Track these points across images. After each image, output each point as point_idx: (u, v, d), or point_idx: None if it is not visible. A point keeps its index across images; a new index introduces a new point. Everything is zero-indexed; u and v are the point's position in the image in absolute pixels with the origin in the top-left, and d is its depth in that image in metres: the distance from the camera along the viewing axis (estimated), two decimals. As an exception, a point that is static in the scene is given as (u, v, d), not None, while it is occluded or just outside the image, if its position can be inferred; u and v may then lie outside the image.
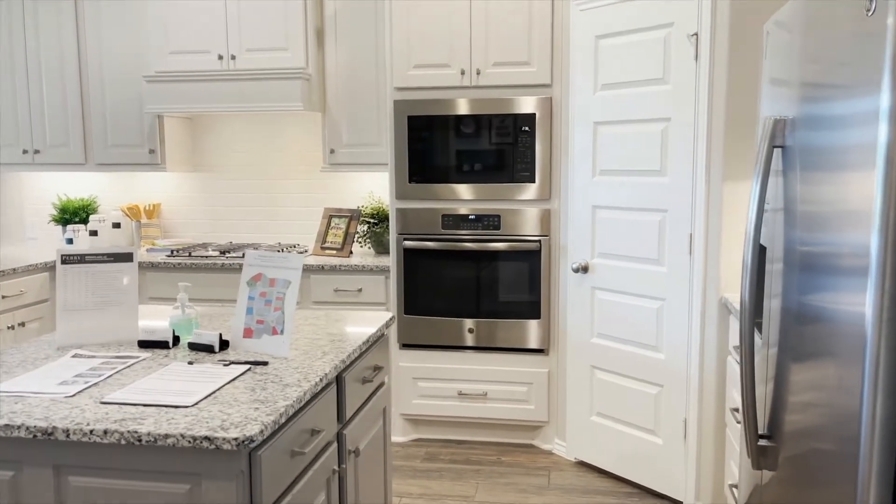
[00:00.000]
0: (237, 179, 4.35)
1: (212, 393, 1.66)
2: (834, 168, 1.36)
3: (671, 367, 2.93)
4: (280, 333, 1.98)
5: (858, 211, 1.25)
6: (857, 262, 1.25)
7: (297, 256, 2.01)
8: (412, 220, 3.57)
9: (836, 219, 1.34)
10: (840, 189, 1.33)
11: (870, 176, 1.20)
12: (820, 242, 1.42)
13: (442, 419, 3.66)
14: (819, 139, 1.44)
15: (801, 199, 1.53)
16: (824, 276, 1.39)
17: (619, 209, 3.08)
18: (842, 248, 1.31)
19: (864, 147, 1.23)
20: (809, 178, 1.49)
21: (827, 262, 1.38)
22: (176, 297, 3.82)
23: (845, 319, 1.29)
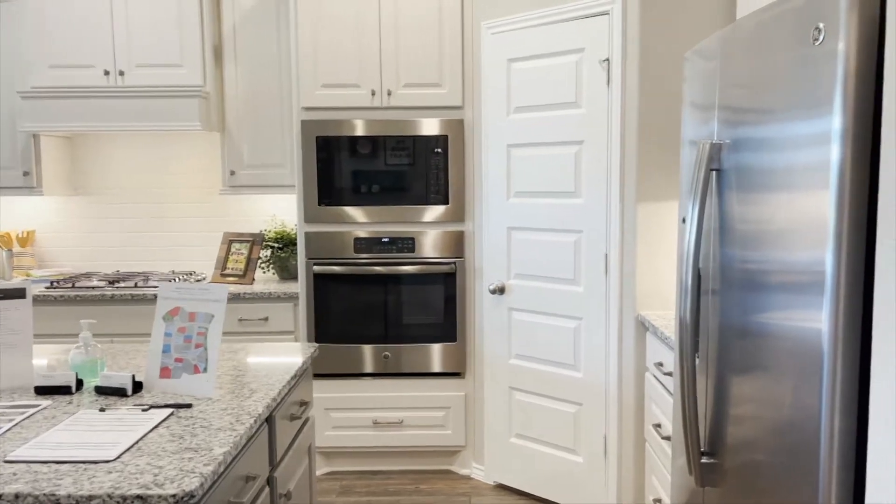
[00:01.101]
0: (125, 203, 4.05)
1: (134, 443, 1.49)
2: (779, 188, 1.41)
3: (590, 385, 2.98)
4: (203, 372, 1.82)
5: (810, 229, 1.29)
6: (810, 279, 1.29)
7: (220, 288, 1.86)
8: (322, 244, 3.44)
9: (783, 237, 1.39)
10: (787, 208, 1.38)
11: (823, 195, 1.25)
12: (764, 260, 1.47)
13: (356, 450, 3.53)
14: (760, 160, 1.49)
15: (741, 219, 1.58)
16: (771, 294, 1.44)
17: (535, 230, 3.11)
18: (792, 266, 1.35)
19: (814, 167, 1.28)
20: (750, 198, 1.54)
21: (774, 279, 1.43)
22: (62, 334, 3.48)
23: (799, 335, 1.33)
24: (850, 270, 1.22)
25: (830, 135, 1.22)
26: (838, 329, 1.24)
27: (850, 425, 1.24)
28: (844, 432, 1.25)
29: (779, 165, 1.41)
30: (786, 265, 1.38)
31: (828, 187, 1.23)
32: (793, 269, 1.35)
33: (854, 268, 1.22)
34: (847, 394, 1.24)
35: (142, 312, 3.51)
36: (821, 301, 1.25)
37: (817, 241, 1.27)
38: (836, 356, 1.24)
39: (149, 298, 3.50)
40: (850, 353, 1.23)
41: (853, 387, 1.24)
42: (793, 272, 1.35)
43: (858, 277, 1.22)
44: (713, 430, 1.73)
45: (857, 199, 1.21)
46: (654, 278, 2.82)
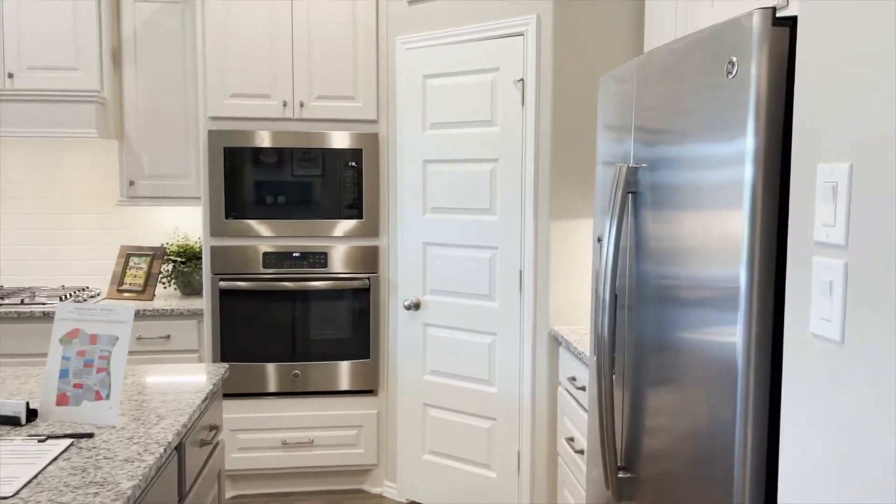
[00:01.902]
0: (7, 213, 3.76)
1: (33, 478, 1.37)
2: (693, 207, 1.47)
3: (504, 400, 3.00)
4: (105, 398, 1.70)
5: (724, 246, 1.35)
6: (724, 294, 1.35)
7: (125, 309, 1.75)
8: (229, 259, 3.32)
9: (698, 254, 1.45)
10: (702, 226, 1.44)
11: (736, 213, 1.31)
12: (679, 277, 1.52)
13: (265, 472, 3.40)
14: (675, 180, 1.55)
15: (656, 237, 1.64)
16: (686, 309, 1.49)
17: (451, 246, 3.12)
18: (707, 282, 1.41)
19: (728, 186, 1.34)
20: (665, 216, 1.60)
21: (689, 295, 1.48)
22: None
23: (713, 349, 1.39)
24: (763, 285, 1.29)
25: (744, 155, 1.29)
26: (751, 342, 1.30)
27: (762, 434, 1.31)
28: (757, 441, 1.31)
29: (694, 184, 1.47)
30: (700, 281, 1.44)
31: (741, 205, 1.30)
32: (707, 284, 1.41)
33: (766, 283, 1.29)
34: (759, 404, 1.30)
35: (29, 331, 3.26)
36: (735, 316, 1.31)
37: (731, 258, 1.33)
38: (750, 368, 1.30)
39: (37, 316, 3.25)
40: (762, 366, 1.30)
41: (765, 397, 1.30)
42: (707, 288, 1.41)
43: (769, 292, 1.29)
44: (629, 443, 1.78)
45: (768, 216, 1.28)
46: (568, 294, 2.88)
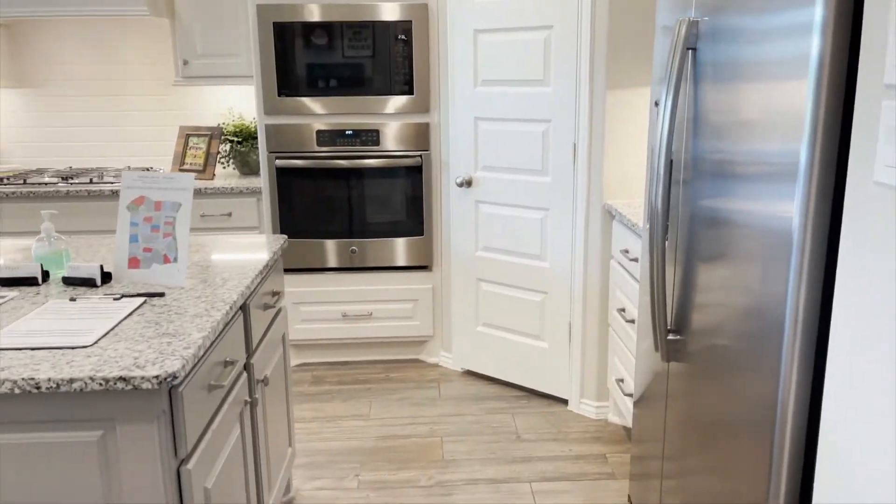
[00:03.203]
0: (73, 96, 3.85)
1: (111, 330, 1.48)
2: (755, 78, 1.40)
3: (556, 274, 3.04)
4: (173, 261, 1.79)
5: (786, 120, 1.29)
6: (783, 170, 1.31)
7: (185, 176, 1.81)
8: (284, 137, 3.35)
9: (758, 128, 1.39)
10: (762, 98, 1.37)
11: (800, 86, 1.25)
12: (737, 151, 1.48)
13: (327, 342, 3.58)
14: (737, 50, 1.47)
15: (715, 109, 1.58)
16: (743, 183, 1.45)
17: (503, 120, 3.07)
18: (765, 157, 1.36)
19: (793, 58, 1.26)
20: (725, 88, 1.53)
21: (746, 169, 1.44)
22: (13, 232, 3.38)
23: (769, 224, 1.36)
24: (824, 161, 1.24)
25: (811, 26, 1.21)
26: (808, 218, 1.26)
27: (814, 311, 1.29)
28: (808, 318, 1.30)
29: (757, 54, 1.39)
30: (759, 155, 1.39)
31: (806, 78, 1.23)
32: (766, 159, 1.36)
33: (827, 158, 1.24)
34: (813, 281, 1.28)
35: (100, 209, 3.42)
36: (793, 191, 1.27)
37: (792, 132, 1.27)
38: (805, 244, 1.27)
39: (105, 195, 3.40)
40: (818, 242, 1.27)
41: (819, 275, 1.28)
42: (766, 162, 1.36)
43: (830, 168, 1.24)
44: (679, 314, 1.80)
45: (834, 90, 1.21)
46: (622, 167, 2.83)
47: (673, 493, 1.88)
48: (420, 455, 2.72)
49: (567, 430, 2.90)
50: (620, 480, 2.53)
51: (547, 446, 2.77)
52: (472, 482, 2.54)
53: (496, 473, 2.59)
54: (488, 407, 3.12)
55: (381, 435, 2.88)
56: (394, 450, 2.77)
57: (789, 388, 1.33)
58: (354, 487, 2.52)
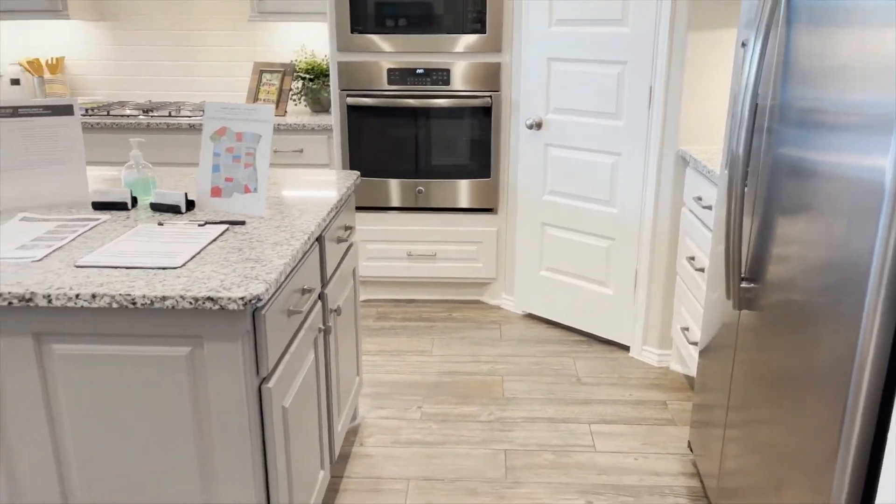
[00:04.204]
0: (151, 30, 3.94)
1: (197, 253, 1.55)
2: (853, 22, 1.33)
3: (624, 220, 3.00)
4: (253, 191, 1.85)
5: (883, 68, 1.23)
6: (876, 120, 1.25)
7: (266, 108, 1.85)
8: (355, 75, 3.37)
9: (852, 75, 1.33)
10: (859, 42, 1.30)
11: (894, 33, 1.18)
12: (828, 99, 1.41)
13: (391, 280, 3.66)
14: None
15: (807, 54, 1.51)
16: (832, 134, 1.39)
17: (577, 61, 3.00)
18: (858, 106, 1.30)
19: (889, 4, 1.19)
20: (820, 31, 1.45)
21: (836, 119, 1.38)
22: (98, 161, 3.53)
23: (859, 176, 1.30)
24: None
25: None
26: None
27: None
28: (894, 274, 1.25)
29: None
30: (851, 105, 1.33)
31: None
32: (859, 109, 1.30)
33: None
34: None
35: (177, 142, 3.52)
36: (888, 143, 1.22)
37: (890, 82, 1.21)
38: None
39: (183, 128, 3.50)
40: None
41: None
42: (859, 113, 1.30)
43: None
44: (754, 263, 1.76)
45: None
46: (698, 113, 2.75)
47: (736, 443, 1.88)
48: (481, 392, 2.78)
49: (628, 376, 2.91)
50: (680, 427, 2.54)
51: (607, 390, 2.80)
52: (531, 420, 2.59)
53: (555, 413, 2.63)
54: (549, 350, 3.15)
55: (442, 371, 2.95)
56: (455, 385, 2.84)
57: (868, 344, 1.30)
58: (417, 418, 2.60)
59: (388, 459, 2.36)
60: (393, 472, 2.30)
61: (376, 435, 2.50)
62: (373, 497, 2.18)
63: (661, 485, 2.24)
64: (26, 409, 1.43)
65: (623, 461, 2.35)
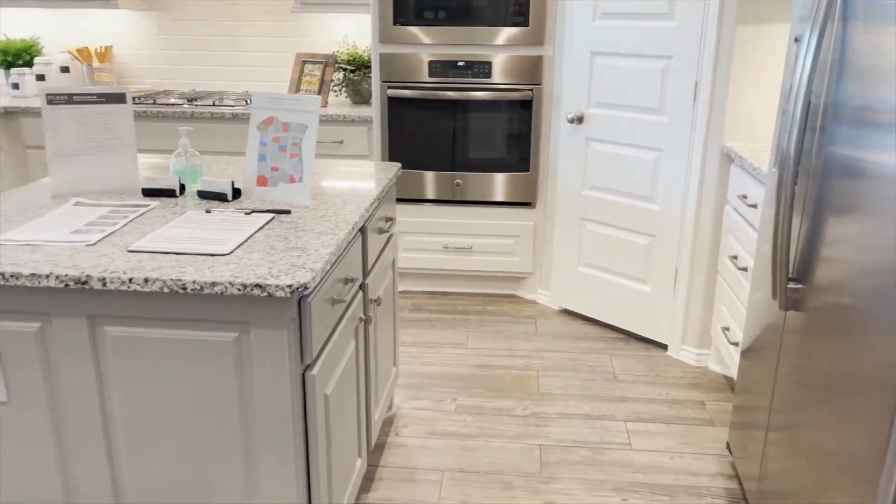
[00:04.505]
0: (197, 20, 3.99)
1: (245, 241, 1.57)
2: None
3: (665, 217, 2.97)
4: (299, 181, 1.87)
5: None
6: None
7: (312, 98, 1.87)
8: (396, 67, 3.38)
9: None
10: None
11: None
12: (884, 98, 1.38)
13: (427, 272, 3.67)
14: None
15: (865, 52, 1.47)
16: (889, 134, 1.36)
17: (621, 55, 2.97)
18: None
19: None
20: (879, 29, 1.42)
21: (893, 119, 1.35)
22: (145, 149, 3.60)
23: None
24: None
25: None
26: None
27: None
28: None
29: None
30: None
31: None
32: None
33: None
34: None
35: (221, 130, 3.57)
36: None
37: None
38: None
39: (227, 117, 3.55)
40: None
41: None
42: None
43: None
44: (802, 264, 1.73)
45: None
46: (745, 110, 2.70)
47: (778, 446, 1.85)
48: (516, 386, 2.78)
49: (665, 375, 2.88)
50: (719, 428, 2.51)
51: (643, 388, 2.77)
52: (566, 416, 2.58)
53: (591, 409, 2.62)
54: (585, 346, 3.13)
55: (477, 364, 2.96)
56: (490, 379, 2.84)
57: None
58: (452, 410, 2.61)
59: (422, 450, 2.38)
60: (428, 463, 2.31)
61: (411, 425, 2.52)
62: (408, 487, 2.20)
63: (699, 485, 2.22)
64: (80, 389, 1.47)
65: (659, 460, 2.34)
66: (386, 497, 2.15)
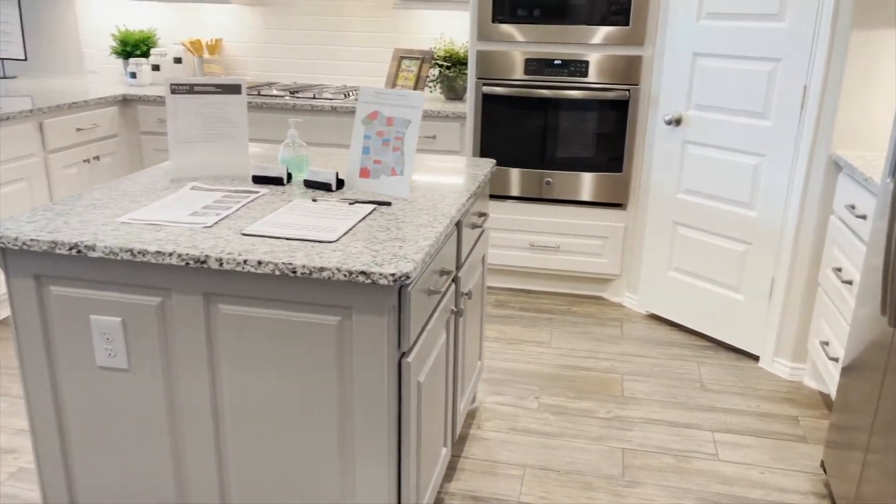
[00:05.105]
0: (301, 15, 4.14)
1: (349, 230, 1.64)
2: None
3: (763, 224, 2.88)
4: (399, 174, 1.93)
5: None
6: None
7: (416, 94, 1.91)
8: (492, 64, 3.40)
9: None
10: None
11: None
12: None
13: (511, 269, 3.68)
14: None
15: None
16: None
17: (725, 57, 2.89)
18: None
19: None
20: None
21: None
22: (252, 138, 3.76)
23: None
24: None
25: None
26: None
27: None
28: None
29: None
30: None
31: None
32: None
33: None
34: None
35: (320, 123, 3.70)
36: None
37: None
38: None
39: (326, 110, 3.66)
40: None
41: None
42: None
43: None
44: (918, 272, 1.65)
45: None
46: (856, 117, 2.58)
47: (877, 469, 1.78)
48: (599, 388, 2.77)
49: (756, 387, 2.80)
50: (812, 445, 2.42)
51: (732, 399, 2.70)
52: (650, 421, 2.55)
53: (677, 417, 2.58)
54: (672, 352, 3.08)
55: (560, 363, 2.95)
56: (573, 379, 2.83)
57: None
58: (534, 408, 2.63)
59: (504, 445, 2.40)
60: (509, 458, 2.33)
61: (493, 420, 2.55)
62: (489, 479, 2.23)
63: (788, 502, 2.15)
64: (192, 361, 1.57)
65: (747, 473, 2.28)
66: (467, 487, 2.19)
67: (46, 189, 3.32)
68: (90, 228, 1.59)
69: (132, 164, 3.91)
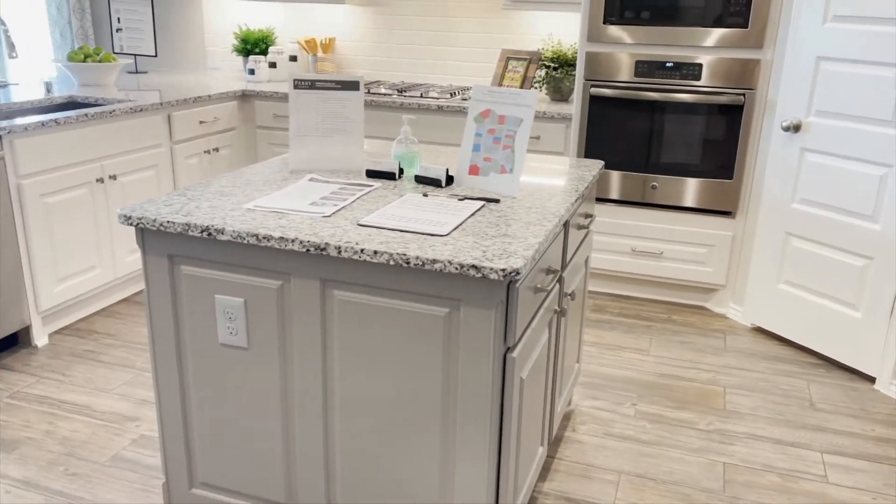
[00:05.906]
0: (411, 16, 4.23)
1: (459, 224, 1.67)
2: None
3: (887, 239, 2.71)
4: (509, 172, 1.95)
5: None
6: None
7: (530, 93, 1.93)
8: (601, 66, 3.36)
9: None
10: None
11: None
12: None
13: (610, 273, 3.63)
14: None
15: None
16: None
17: (851, 62, 2.75)
18: None
19: None
20: None
21: None
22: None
23: None
24: None
25: None
26: None
27: None
28: None
29: None
30: None
31: None
32: None
33: None
34: None
35: (427, 121, 3.77)
36: None
37: None
38: None
39: (432, 108, 3.73)
40: None
41: None
42: None
43: None
44: None
45: None
46: None
47: None
48: (700, 399, 2.69)
49: (871, 409, 2.65)
50: (934, 476, 2.28)
51: (845, 421, 2.57)
52: (754, 437, 2.46)
53: (783, 435, 2.48)
54: (779, 368, 2.95)
55: (660, 372, 2.89)
56: (672, 389, 2.77)
57: None
58: (631, 415, 2.59)
59: (599, 449, 2.38)
60: (604, 463, 2.31)
61: (589, 423, 2.53)
62: (583, 482, 2.22)
63: (905, 533, 2.03)
64: (307, 344, 1.65)
65: (859, 498, 2.16)
66: (561, 489, 2.18)
67: (171, 177, 3.55)
68: (219, 213, 1.70)
69: (248, 156, 4.11)
